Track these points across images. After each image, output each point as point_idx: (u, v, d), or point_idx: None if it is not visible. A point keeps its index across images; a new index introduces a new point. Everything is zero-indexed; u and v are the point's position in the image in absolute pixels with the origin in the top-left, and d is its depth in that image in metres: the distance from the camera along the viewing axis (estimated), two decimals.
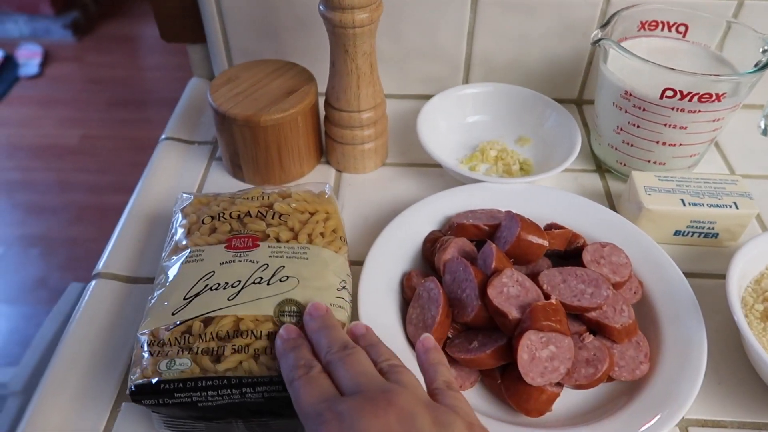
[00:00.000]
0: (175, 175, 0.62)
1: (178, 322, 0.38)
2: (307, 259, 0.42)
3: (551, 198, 0.55)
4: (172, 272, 0.42)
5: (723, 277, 0.51)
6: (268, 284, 0.40)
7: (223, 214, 0.45)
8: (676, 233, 0.54)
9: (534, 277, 0.47)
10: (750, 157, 0.66)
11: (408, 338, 0.46)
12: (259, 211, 0.46)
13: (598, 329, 0.45)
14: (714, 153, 0.66)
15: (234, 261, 0.41)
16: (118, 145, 2.19)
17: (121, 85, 2.50)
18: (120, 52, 2.69)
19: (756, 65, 0.53)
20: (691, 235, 0.55)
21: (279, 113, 0.55)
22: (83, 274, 1.71)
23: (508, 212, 0.50)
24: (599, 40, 0.55)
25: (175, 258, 0.43)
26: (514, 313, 0.42)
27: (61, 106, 2.36)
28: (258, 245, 0.43)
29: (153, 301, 0.41)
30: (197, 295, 0.39)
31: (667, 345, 0.45)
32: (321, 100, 0.62)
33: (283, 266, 0.41)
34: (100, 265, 0.53)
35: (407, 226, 0.53)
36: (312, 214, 0.47)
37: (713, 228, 0.54)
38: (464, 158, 0.64)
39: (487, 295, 0.43)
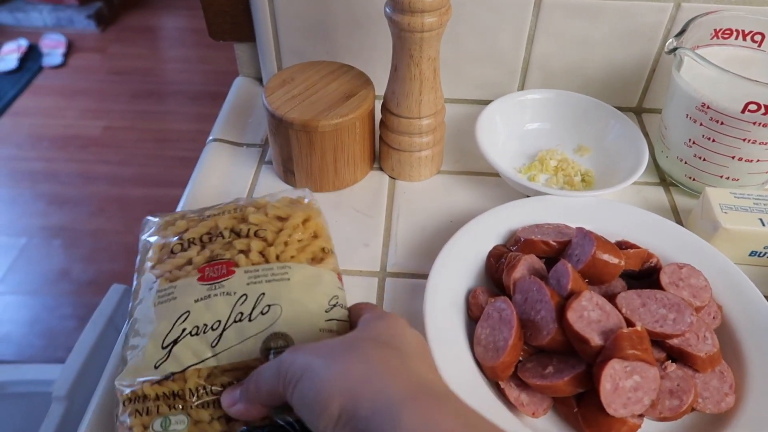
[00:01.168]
0: (225, 180, 0.60)
1: (160, 377, 0.34)
2: (289, 279, 0.38)
3: (620, 213, 0.53)
4: (144, 314, 0.37)
5: None
6: (250, 320, 0.36)
7: (193, 239, 0.41)
8: (752, 254, 0.52)
9: (609, 298, 0.45)
10: None
11: (475, 359, 0.44)
12: (232, 229, 0.41)
13: (680, 357, 0.43)
14: None
15: (210, 296, 0.37)
16: (140, 136, 2.18)
17: (143, 76, 2.49)
18: (142, 43, 2.68)
19: None
20: (767, 257, 0.52)
21: (337, 118, 0.53)
22: (106, 266, 1.71)
23: (580, 229, 0.48)
24: (675, 48, 0.53)
25: (144, 297, 0.38)
26: (596, 340, 0.40)
27: (84, 97, 2.36)
28: (233, 272, 0.38)
29: (128, 349, 0.36)
30: (176, 341, 0.35)
31: (752, 375, 0.43)
32: (376, 103, 0.60)
33: (263, 294, 0.37)
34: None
35: (470, 240, 0.51)
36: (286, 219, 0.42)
37: None
38: (522, 167, 0.62)
39: (567, 319, 0.41)
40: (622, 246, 0.49)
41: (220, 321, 0.36)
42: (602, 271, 0.46)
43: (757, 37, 0.57)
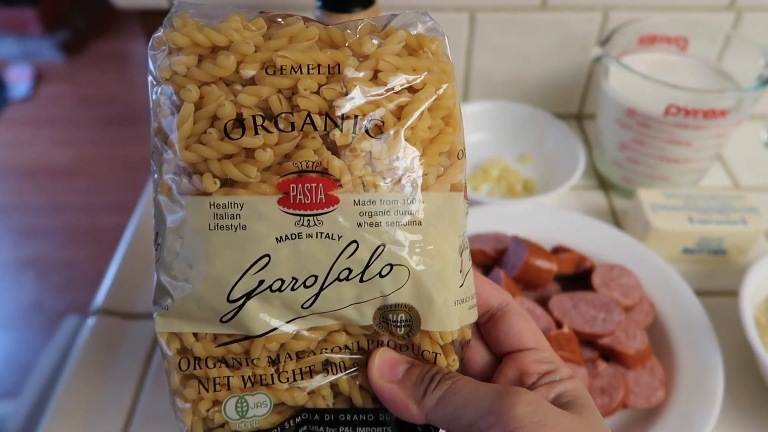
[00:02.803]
0: None
1: (230, 338, 0.25)
2: (421, 223, 0.25)
3: (557, 219, 0.55)
4: (191, 239, 0.24)
5: (732, 294, 0.51)
6: (361, 281, 0.25)
7: (262, 116, 0.24)
8: (685, 251, 0.54)
9: (543, 302, 0.46)
10: (753, 169, 0.65)
11: None
12: (327, 112, 0.24)
13: (610, 355, 0.44)
14: (717, 166, 0.66)
15: (300, 235, 0.24)
16: (111, 164, 2.18)
17: (112, 103, 2.48)
18: (111, 70, 2.68)
19: (759, 79, 0.53)
20: (700, 253, 0.54)
21: None
22: (79, 297, 1.69)
23: (515, 237, 0.49)
24: (600, 57, 0.55)
25: (186, 204, 0.25)
26: None
27: (53, 127, 2.34)
28: (336, 200, 0.24)
29: (170, 275, 0.25)
30: (249, 295, 0.24)
31: (682, 370, 0.44)
32: None
33: (383, 245, 0.24)
34: (99, 300, 0.52)
35: None
36: (417, 90, 0.25)
37: (722, 245, 0.53)
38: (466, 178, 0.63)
39: None
40: (558, 250, 0.51)
41: (316, 276, 0.24)
42: (536, 276, 0.47)
43: (681, 42, 0.59)
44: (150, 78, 0.25)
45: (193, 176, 0.24)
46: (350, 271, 0.25)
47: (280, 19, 0.25)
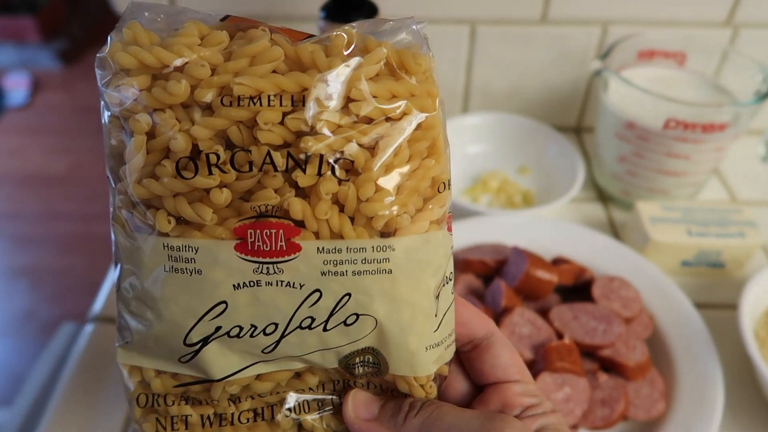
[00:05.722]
0: None
1: (190, 380, 0.24)
2: (391, 272, 0.23)
3: (556, 230, 0.55)
4: (147, 278, 0.23)
5: (731, 307, 0.51)
6: (324, 330, 0.23)
7: (216, 151, 0.22)
8: (683, 264, 0.54)
9: (544, 313, 0.46)
10: (751, 183, 0.66)
11: None
12: (288, 154, 0.22)
13: (611, 367, 0.44)
14: (715, 180, 0.66)
15: (259, 283, 0.22)
16: (106, 173, 2.17)
17: None
18: None
19: (757, 94, 0.53)
20: (698, 265, 0.54)
21: None
22: (73, 305, 1.68)
23: (515, 248, 0.49)
24: (600, 70, 0.55)
25: (141, 246, 0.23)
26: (527, 355, 0.41)
27: (49, 135, 2.34)
28: (298, 248, 0.22)
29: (129, 312, 0.24)
30: (206, 341, 0.23)
31: (682, 382, 0.44)
32: None
33: (348, 294, 0.23)
34: (97, 307, 0.52)
35: None
36: (395, 120, 0.22)
37: (720, 258, 0.53)
38: (465, 189, 0.63)
39: None
40: (558, 262, 0.51)
41: (276, 324, 0.23)
42: (536, 287, 0.47)
43: (679, 57, 0.60)
44: (101, 100, 0.22)
45: (147, 212, 0.22)
46: (313, 319, 0.23)
47: (243, 31, 0.23)
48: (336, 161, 0.22)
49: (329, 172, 0.22)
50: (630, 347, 0.44)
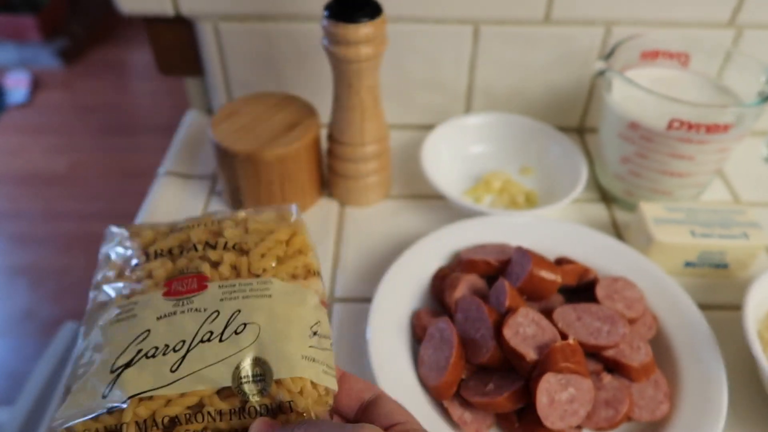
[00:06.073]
0: (175, 211, 0.60)
1: (105, 409, 0.28)
2: (270, 296, 0.32)
3: (559, 231, 0.55)
4: (96, 334, 0.31)
5: (734, 308, 0.51)
6: (220, 340, 0.30)
7: (160, 251, 0.35)
8: (687, 264, 0.54)
9: (547, 314, 0.46)
10: (754, 184, 0.66)
11: (420, 380, 0.45)
12: (207, 242, 0.35)
13: (615, 368, 0.44)
14: (718, 181, 0.66)
15: (175, 313, 0.31)
16: (107, 172, 2.17)
17: (110, 111, 2.48)
18: (109, 78, 2.68)
19: (760, 95, 0.53)
20: (701, 266, 0.54)
21: (281, 148, 0.54)
22: (72, 305, 1.68)
23: (519, 248, 0.49)
24: (604, 71, 0.55)
25: (98, 316, 0.32)
26: (531, 355, 0.41)
27: (50, 134, 2.34)
28: (205, 286, 0.32)
29: (74, 378, 0.30)
30: (128, 365, 0.29)
31: (686, 383, 0.44)
32: (322, 132, 0.61)
33: (239, 311, 0.31)
34: None
35: (414, 263, 0.52)
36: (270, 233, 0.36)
37: (724, 259, 0.53)
38: (468, 189, 0.63)
39: (503, 335, 0.42)
40: (561, 262, 0.51)
41: (184, 341, 0.29)
42: (540, 288, 0.47)
43: (682, 58, 0.60)
44: None
45: (114, 297, 0.33)
46: (212, 333, 0.30)
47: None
48: (233, 246, 0.34)
49: (231, 249, 0.34)
50: (634, 348, 0.44)
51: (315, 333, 0.32)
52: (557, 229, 0.55)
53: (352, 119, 0.55)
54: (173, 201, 0.62)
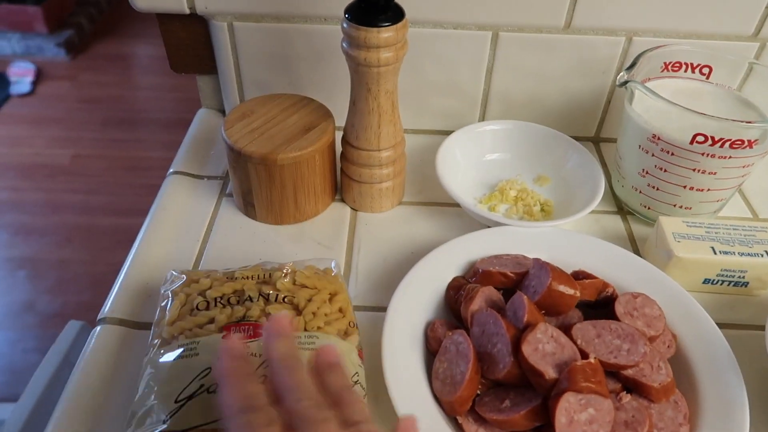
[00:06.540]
0: (185, 213, 0.59)
1: None
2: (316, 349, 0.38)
3: (577, 243, 0.54)
4: (161, 368, 0.37)
5: (755, 327, 0.50)
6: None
7: (219, 299, 0.41)
8: (705, 281, 0.53)
9: (565, 329, 0.45)
10: None
11: (433, 393, 0.44)
12: (260, 292, 0.42)
13: (634, 388, 0.43)
14: (736, 197, 0.65)
15: None
16: (110, 165, 2.16)
17: (114, 104, 2.47)
18: (114, 71, 2.67)
19: None
20: (721, 284, 0.53)
21: (296, 151, 0.53)
22: (72, 298, 1.67)
23: (537, 260, 0.48)
24: (626, 81, 0.54)
25: (163, 351, 0.38)
26: (551, 373, 0.40)
27: (53, 125, 2.32)
28: (260, 334, 0.37)
29: (140, 404, 0.36)
30: (191, 397, 0.34)
31: (706, 404, 0.43)
32: (337, 135, 0.60)
33: None
34: (106, 309, 0.50)
35: (429, 272, 0.51)
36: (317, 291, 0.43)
37: (744, 277, 0.52)
38: (483, 197, 0.62)
39: (522, 352, 0.41)
40: (579, 276, 0.50)
41: None
42: (558, 302, 0.46)
43: (705, 70, 0.59)
44: None
45: (178, 336, 0.40)
46: (265, 377, 0.34)
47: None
48: (284, 298, 0.42)
49: (284, 306, 0.42)
50: (654, 368, 0.43)
51: (355, 383, 0.39)
52: (574, 242, 0.54)
53: (368, 123, 0.54)
54: (184, 202, 0.61)
